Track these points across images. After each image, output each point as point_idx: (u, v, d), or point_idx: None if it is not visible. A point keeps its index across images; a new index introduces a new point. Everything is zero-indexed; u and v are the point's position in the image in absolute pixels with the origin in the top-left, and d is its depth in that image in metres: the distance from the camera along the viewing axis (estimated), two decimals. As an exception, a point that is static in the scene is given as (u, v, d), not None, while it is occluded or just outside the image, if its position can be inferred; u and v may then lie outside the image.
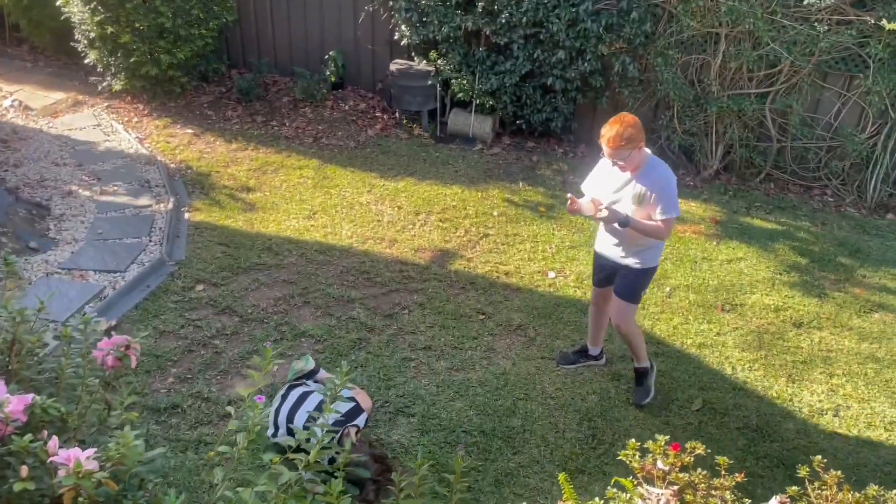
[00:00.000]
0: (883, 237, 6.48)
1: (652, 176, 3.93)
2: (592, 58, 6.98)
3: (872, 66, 6.51)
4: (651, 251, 4.17)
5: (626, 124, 3.76)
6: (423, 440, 4.12)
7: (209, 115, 8.04)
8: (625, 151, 3.79)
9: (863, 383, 4.74)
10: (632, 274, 4.19)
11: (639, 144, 3.81)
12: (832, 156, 7.08)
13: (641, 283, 4.26)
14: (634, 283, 4.22)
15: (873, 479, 4.05)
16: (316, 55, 8.42)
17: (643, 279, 4.24)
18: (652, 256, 4.19)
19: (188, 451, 3.95)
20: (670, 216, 3.93)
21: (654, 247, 4.16)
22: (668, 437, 2.15)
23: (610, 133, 3.78)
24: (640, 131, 3.81)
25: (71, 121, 7.82)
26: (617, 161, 3.85)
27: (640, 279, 4.22)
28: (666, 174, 3.94)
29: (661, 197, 3.90)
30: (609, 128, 3.81)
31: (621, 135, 3.75)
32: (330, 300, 5.23)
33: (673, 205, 3.92)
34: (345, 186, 6.76)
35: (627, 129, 3.75)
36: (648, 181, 3.92)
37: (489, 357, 4.79)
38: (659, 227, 3.96)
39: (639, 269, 4.18)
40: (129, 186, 6.56)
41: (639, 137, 3.79)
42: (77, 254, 5.52)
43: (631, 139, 3.76)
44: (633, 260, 4.17)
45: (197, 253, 5.67)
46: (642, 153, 3.90)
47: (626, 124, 3.76)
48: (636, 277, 4.20)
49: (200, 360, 4.62)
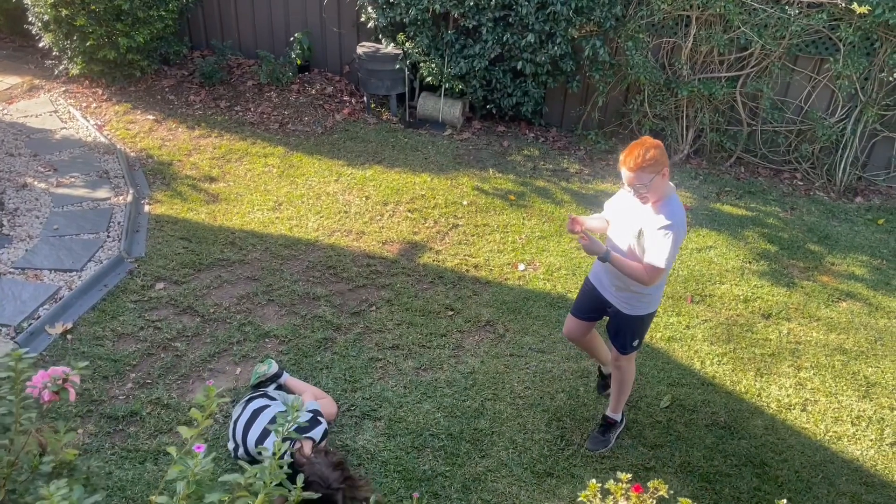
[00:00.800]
0: (851, 222, 6.48)
1: (662, 214, 3.42)
2: (562, 41, 6.85)
3: (843, 49, 6.45)
4: (642, 297, 3.69)
5: (648, 146, 3.32)
6: (388, 446, 4.05)
7: (171, 99, 7.80)
8: (647, 175, 3.31)
9: (830, 376, 4.75)
10: (621, 319, 3.77)
11: (661, 170, 3.33)
12: (802, 139, 7.05)
13: (632, 332, 3.79)
14: (624, 330, 3.79)
15: (840, 476, 4.07)
16: (281, 37, 8.19)
17: (633, 327, 3.78)
18: (641, 304, 3.71)
19: (146, 463, 3.84)
20: (656, 265, 3.41)
21: (641, 292, 3.66)
22: (630, 476, 2.08)
23: (630, 155, 3.33)
24: (664, 154, 3.35)
25: (26, 107, 7.54)
26: (639, 189, 3.36)
27: (630, 326, 3.77)
28: (674, 218, 3.40)
29: (658, 239, 3.40)
30: (628, 151, 3.36)
31: (643, 155, 3.29)
32: (295, 298, 5.11)
33: (665, 255, 3.38)
34: (311, 175, 6.61)
35: (650, 150, 3.30)
36: (655, 217, 3.43)
37: (457, 355, 4.72)
38: (641, 271, 3.47)
39: (626, 314, 3.74)
40: (86, 178, 6.35)
41: (662, 161, 3.32)
42: (31, 252, 5.33)
43: (655, 161, 3.30)
44: (622, 301, 3.73)
45: (157, 249, 5.51)
46: (666, 185, 3.43)
47: (648, 146, 3.32)
48: (626, 324, 3.77)
49: (160, 364, 4.50)
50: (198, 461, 1.83)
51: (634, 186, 3.37)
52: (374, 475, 3.87)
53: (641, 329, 3.84)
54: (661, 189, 3.39)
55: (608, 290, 3.79)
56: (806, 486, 4.01)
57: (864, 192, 6.97)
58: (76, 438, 3.59)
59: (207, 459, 1.81)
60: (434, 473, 3.90)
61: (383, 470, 3.91)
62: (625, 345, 3.83)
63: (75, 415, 4.08)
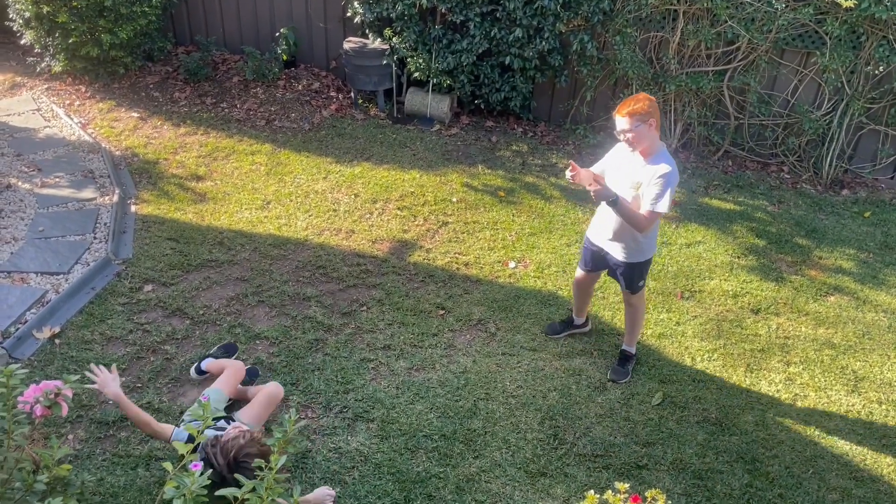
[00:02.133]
0: (838, 215, 6.52)
1: (656, 166, 3.90)
2: (550, 36, 6.83)
3: (829, 42, 6.47)
4: (639, 244, 4.20)
5: (639, 98, 3.82)
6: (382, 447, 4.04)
7: (156, 96, 7.72)
8: (635, 121, 3.79)
9: (819, 371, 4.78)
10: (626, 269, 4.30)
11: (649, 119, 3.79)
12: (789, 132, 7.08)
13: (638, 275, 4.34)
14: (631, 277, 4.33)
15: (830, 471, 4.10)
16: (266, 32, 8.12)
17: (637, 271, 4.32)
18: (639, 251, 4.23)
19: (138, 469, 3.82)
20: (655, 210, 3.90)
21: (637, 240, 4.17)
22: (628, 485, 2.08)
23: (624, 105, 3.83)
24: (655, 108, 3.81)
25: (8, 105, 7.44)
26: (627, 134, 3.84)
27: (635, 272, 4.31)
28: (668, 168, 3.87)
29: (655, 187, 3.87)
30: (624, 102, 3.87)
31: (633, 105, 3.79)
32: (285, 298, 5.08)
33: (662, 199, 3.87)
34: (299, 173, 6.56)
35: (640, 102, 3.79)
36: (651, 170, 3.90)
37: (449, 355, 4.72)
38: (642, 218, 3.95)
39: (629, 262, 4.27)
40: (71, 177, 6.28)
41: (651, 112, 3.78)
42: (17, 254, 5.27)
43: (643, 111, 3.77)
44: (622, 252, 4.24)
45: (145, 250, 5.46)
46: (655, 138, 3.89)
47: (639, 98, 3.82)
48: (631, 272, 4.31)
49: (150, 368, 4.46)
50: (194, 479, 1.81)
51: (624, 131, 3.83)
52: (367, 478, 3.86)
53: (645, 271, 4.37)
54: (648, 139, 3.85)
55: (610, 246, 4.29)
56: (797, 481, 4.04)
57: (851, 185, 7.01)
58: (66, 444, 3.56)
59: (203, 476, 1.79)
60: (428, 475, 3.90)
61: (377, 472, 3.90)
62: (634, 286, 4.37)
63: (65, 421, 4.05)
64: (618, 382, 4.57)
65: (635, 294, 4.43)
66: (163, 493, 1.82)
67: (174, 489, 1.81)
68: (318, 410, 4.26)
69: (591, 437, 4.21)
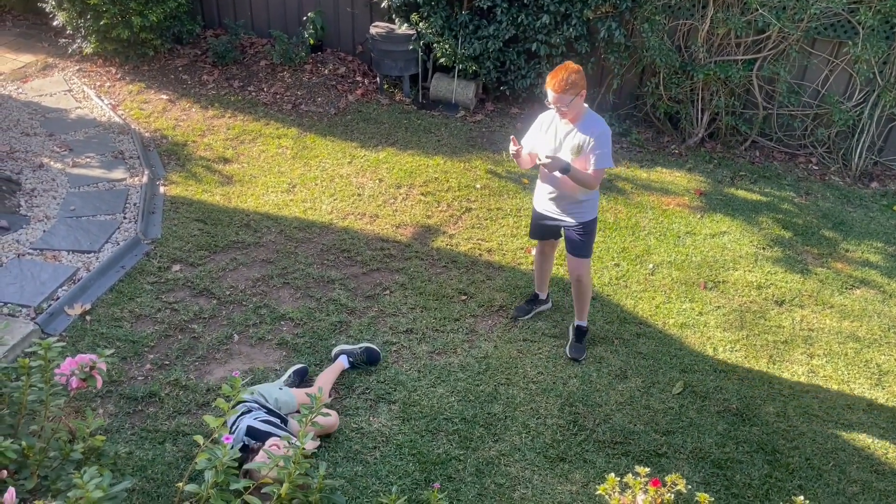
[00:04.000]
0: (866, 208, 6.44)
1: (591, 127, 4.14)
2: (578, 23, 6.80)
3: (862, 32, 6.38)
4: (587, 204, 4.39)
5: (570, 70, 3.98)
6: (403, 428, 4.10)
7: (184, 79, 7.80)
8: (568, 96, 3.99)
9: (843, 364, 4.76)
10: (576, 231, 4.44)
11: (580, 91, 4.01)
12: (818, 124, 7.00)
13: (588, 237, 4.48)
14: (581, 238, 4.46)
15: (851, 464, 4.09)
16: (294, 16, 8.16)
17: (587, 232, 4.46)
18: (588, 209, 4.41)
19: (166, 444, 3.91)
20: (603, 167, 4.16)
21: (588, 199, 4.37)
22: (648, 470, 2.10)
23: (555, 78, 3.99)
24: (583, 79, 4.01)
25: (41, 86, 7.56)
26: (560, 106, 4.04)
27: (585, 233, 4.45)
28: (603, 127, 4.15)
29: (597, 147, 4.12)
30: (554, 73, 4.01)
31: (566, 79, 3.95)
32: (310, 281, 5.15)
33: (607, 157, 4.15)
34: (325, 157, 6.61)
35: (572, 75, 3.96)
36: (587, 133, 4.13)
37: (471, 340, 4.76)
38: (591, 177, 4.19)
39: (578, 223, 4.42)
40: (102, 158, 6.38)
41: (581, 84, 3.99)
42: (49, 233, 5.38)
43: (574, 84, 3.97)
44: (572, 214, 4.41)
45: (173, 230, 5.55)
46: (582, 104, 4.12)
47: (570, 70, 3.98)
48: (581, 233, 4.44)
49: (178, 346, 4.55)
50: (225, 451, 1.87)
51: (557, 104, 4.04)
52: (388, 458, 3.92)
53: (593, 232, 4.52)
54: (578, 107, 4.10)
55: (557, 211, 4.45)
56: (817, 473, 4.04)
57: (880, 178, 6.92)
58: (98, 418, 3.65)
59: (235, 449, 1.85)
60: (448, 457, 3.95)
61: (398, 453, 3.96)
62: (585, 250, 4.50)
63: (95, 396, 4.15)
64: (578, 360, 4.65)
65: (584, 259, 4.50)
66: (194, 463, 1.88)
67: (206, 461, 1.87)
68: (341, 391, 4.32)
69: (610, 424, 4.23)
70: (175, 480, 3.71)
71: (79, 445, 2.13)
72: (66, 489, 1.87)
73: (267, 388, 3.99)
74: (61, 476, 2.02)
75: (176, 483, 3.64)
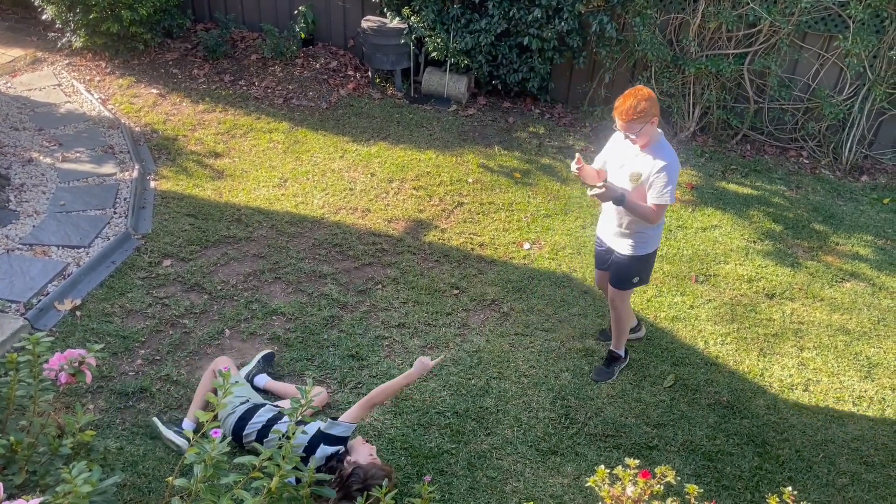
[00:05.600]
0: (857, 201, 6.47)
1: (658, 157, 3.83)
2: (569, 16, 6.79)
3: (852, 26, 6.39)
4: (643, 236, 4.08)
5: (640, 98, 3.69)
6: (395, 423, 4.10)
7: (175, 73, 7.76)
8: (637, 125, 3.72)
9: (833, 356, 4.78)
10: (623, 260, 4.16)
11: (652, 119, 3.73)
12: (809, 117, 7.02)
13: (632, 271, 4.19)
14: (625, 270, 4.18)
15: (841, 456, 4.12)
16: (285, 10, 8.12)
17: (634, 266, 4.17)
18: (643, 243, 4.10)
19: (157, 439, 3.90)
20: (664, 202, 3.85)
21: (645, 232, 4.06)
22: (637, 462, 2.10)
23: (623, 105, 3.72)
24: (655, 105, 3.72)
25: (30, 80, 7.51)
26: (629, 134, 3.79)
27: (632, 266, 4.16)
28: (672, 159, 3.83)
29: (661, 179, 3.81)
30: (623, 100, 3.74)
31: (634, 107, 3.68)
32: (301, 275, 5.14)
33: (669, 191, 3.83)
34: (316, 151, 6.60)
35: (641, 103, 3.68)
36: (652, 161, 3.83)
37: (463, 334, 4.76)
38: (650, 211, 3.89)
39: (629, 255, 4.12)
40: (92, 153, 6.35)
41: (653, 111, 3.71)
42: (39, 228, 5.35)
43: (645, 112, 3.69)
44: (625, 243, 4.12)
45: (164, 225, 5.53)
46: (655, 130, 3.84)
47: (640, 98, 3.69)
48: (627, 264, 4.15)
49: (169, 341, 4.54)
50: (214, 445, 1.86)
51: (625, 132, 3.79)
52: (381, 452, 3.92)
53: (646, 267, 4.25)
54: (649, 134, 3.80)
55: (616, 242, 4.18)
56: (807, 465, 4.06)
57: (870, 171, 6.95)
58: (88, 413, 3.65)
59: (224, 444, 1.84)
60: (440, 451, 3.96)
61: (390, 447, 3.96)
62: (623, 283, 4.24)
63: (86, 391, 4.13)
64: (598, 382, 4.47)
65: (624, 291, 4.27)
66: (184, 458, 1.88)
67: (195, 455, 1.86)
68: (332, 386, 4.32)
69: (602, 418, 4.25)
70: (166, 475, 3.71)
71: (68, 440, 2.13)
72: (54, 484, 1.87)
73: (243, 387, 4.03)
74: (50, 471, 2.01)
75: (167, 478, 3.63)
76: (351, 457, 3.56)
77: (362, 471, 3.40)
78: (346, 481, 3.39)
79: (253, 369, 4.27)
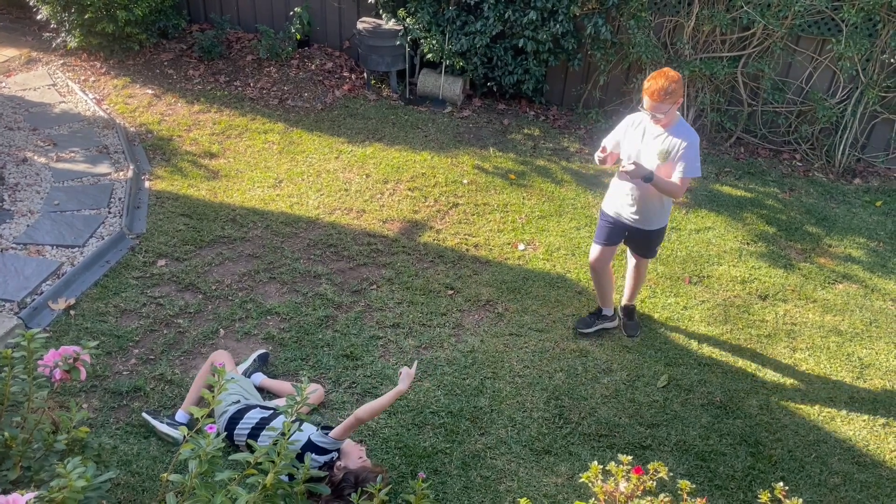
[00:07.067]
0: (849, 204, 6.51)
1: (682, 134, 4.08)
2: (564, 19, 6.82)
3: (845, 30, 6.44)
4: (662, 211, 4.39)
5: (671, 79, 3.89)
6: (390, 422, 4.11)
7: (170, 73, 7.76)
8: (666, 105, 3.94)
9: (825, 357, 4.81)
10: (648, 237, 4.49)
11: (678, 100, 3.95)
12: (802, 120, 7.06)
13: (657, 242, 4.60)
14: (653, 244, 4.58)
15: (832, 456, 4.14)
16: (280, 11, 8.13)
17: (657, 238, 4.55)
18: (662, 217, 4.43)
19: (151, 438, 3.89)
20: (690, 176, 4.12)
21: (665, 206, 4.38)
22: (630, 458, 2.12)
23: (655, 86, 3.91)
24: (682, 87, 3.94)
25: (24, 80, 7.50)
26: (656, 114, 3.98)
27: (656, 239, 4.55)
28: (694, 136, 4.09)
29: (687, 155, 4.06)
30: (653, 81, 3.92)
31: (665, 89, 3.88)
32: (296, 275, 5.14)
33: (696, 166, 4.10)
34: (311, 152, 6.60)
35: (672, 84, 3.88)
36: (678, 139, 4.07)
37: (457, 334, 4.77)
38: (676, 186, 4.14)
39: (652, 230, 4.45)
40: (86, 152, 6.34)
41: (680, 92, 3.93)
42: (33, 227, 5.34)
43: (674, 93, 3.90)
44: (645, 222, 4.39)
45: (158, 225, 5.53)
46: (676, 111, 4.08)
47: (671, 79, 3.89)
48: (654, 238, 4.52)
49: (163, 340, 4.54)
50: (209, 440, 1.87)
51: (653, 112, 3.99)
52: (375, 451, 3.93)
53: (662, 238, 4.61)
54: (673, 114, 4.04)
55: (635, 218, 4.40)
56: (799, 465, 4.08)
57: (863, 174, 6.99)
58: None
59: (219, 439, 1.85)
60: (434, 450, 3.97)
61: (384, 446, 3.97)
62: (650, 253, 4.66)
63: (80, 390, 4.13)
64: (634, 337, 4.81)
65: (649, 259, 4.70)
66: (178, 454, 1.88)
67: (190, 450, 1.87)
68: (327, 385, 4.32)
69: (596, 417, 4.26)
70: (160, 474, 3.70)
71: (62, 437, 2.13)
72: (49, 480, 1.87)
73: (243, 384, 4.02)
74: (44, 467, 2.01)
75: (161, 475, 3.63)
76: (341, 462, 3.57)
77: (352, 475, 3.43)
78: (337, 486, 3.41)
79: (248, 369, 4.28)
